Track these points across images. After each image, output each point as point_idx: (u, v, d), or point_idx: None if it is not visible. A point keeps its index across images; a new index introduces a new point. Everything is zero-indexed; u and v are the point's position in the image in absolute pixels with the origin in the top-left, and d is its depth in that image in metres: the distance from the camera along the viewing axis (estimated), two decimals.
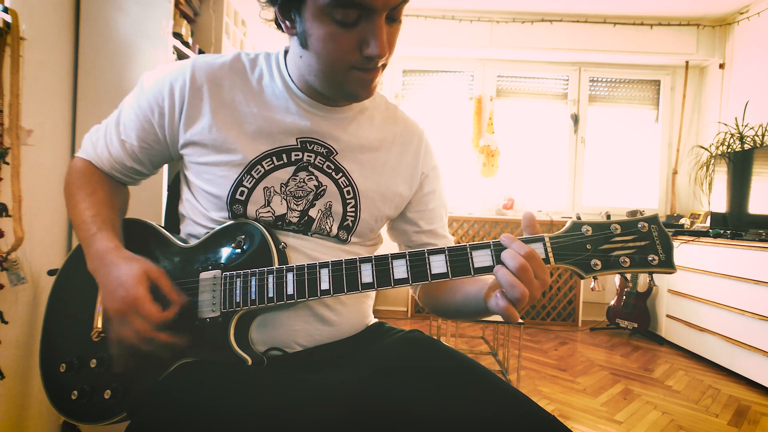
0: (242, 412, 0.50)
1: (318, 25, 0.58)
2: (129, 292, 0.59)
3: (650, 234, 0.57)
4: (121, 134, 0.74)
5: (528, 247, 0.55)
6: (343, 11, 0.56)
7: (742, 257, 2.36)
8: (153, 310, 0.59)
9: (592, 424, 1.82)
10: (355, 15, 0.57)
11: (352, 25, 0.57)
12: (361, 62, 0.60)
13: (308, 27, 0.60)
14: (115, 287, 0.61)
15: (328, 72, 0.63)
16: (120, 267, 0.62)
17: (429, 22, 3.53)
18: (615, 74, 3.75)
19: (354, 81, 0.63)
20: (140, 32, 1.46)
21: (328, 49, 0.60)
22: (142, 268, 0.62)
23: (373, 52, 0.58)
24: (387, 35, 0.60)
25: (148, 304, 0.59)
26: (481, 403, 0.56)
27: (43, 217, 1.29)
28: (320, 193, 0.71)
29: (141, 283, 0.60)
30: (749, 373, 2.30)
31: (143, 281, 0.61)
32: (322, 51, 0.60)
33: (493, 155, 3.61)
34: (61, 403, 0.68)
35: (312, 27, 0.59)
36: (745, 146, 3.01)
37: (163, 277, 0.63)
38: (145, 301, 0.59)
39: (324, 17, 0.57)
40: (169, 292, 0.63)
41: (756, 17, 3.13)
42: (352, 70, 0.62)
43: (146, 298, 0.59)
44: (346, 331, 0.75)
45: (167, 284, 0.63)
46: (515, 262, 0.54)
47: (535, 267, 0.55)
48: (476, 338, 2.95)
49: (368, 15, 0.57)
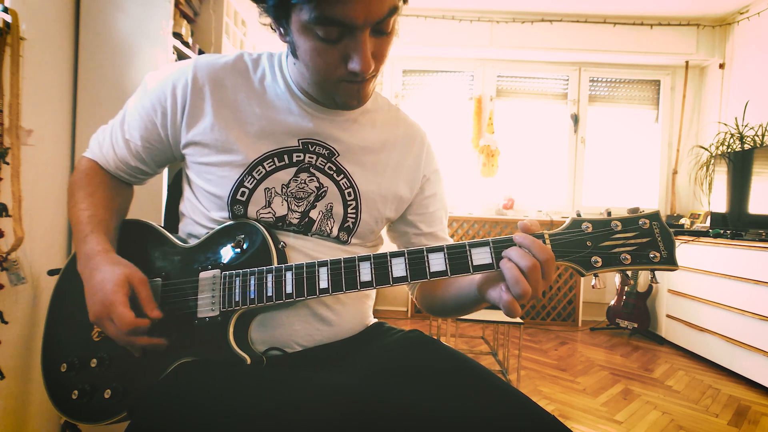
0: (242, 411, 0.50)
1: (303, 39, 0.59)
2: (107, 297, 0.60)
3: (651, 231, 0.57)
4: (126, 134, 0.74)
5: (547, 250, 0.55)
6: (325, 29, 0.55)
7: (742, 257, 2.36)
8: (126, 316, 0.59)
9: (592, 424, 1.82)
10: (337, 32, 0.56)
11: (336, 41, 0.57)
12: (347, 75, 0.60)
13: (295, 39, 0.60)
14: (96, 290, 0.61)
15: (318, 82, 0.64)
16: (103, 271, 0.62)
17: (429, 22, 3.53)
18: (615, 74, 3.75)
19: (343, 92, 0.64)
20: (140, 32, 1.46)
21: (314, 63, 0.60)
22: (124, 273, 0.62)
23: (356, 68, 0.58)
24: (375, 47, 0.59)
25: (122, 309, 0.59)
26: (481, 403, 0.56)
27: (43, 217, 1.29)
28: (321, 195, 0.71)
29: (120, 288, 0.60)
30: (749, 373, 2.30)
31: (123, 286, 0.61)
32: (309, 63, 0.61)
33: (493, 155, 3.61)
34: (62, 403, 0.68)
35: (298, 40, 0.59)
36: (745, 146, 3.01)
37: (144, 286, 0.63)
38: (119, 307, 0.59)
39: (308, 33, 0.57)
40: (145, 303, 0.62)
41: (756, 17, 3.13)
42: (340, 82, 0.62)
43: (122, 304, 0.59)
44: (345, 331, 0.75)
45: (146, 294, 0.63)
46: (526, 262, 0.54)
47: (549, 268, 0.55)
48: (476, 338, 2.95)
49: (350, 32, 0.56)
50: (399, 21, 0.62)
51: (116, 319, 0.59)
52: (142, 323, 0.60)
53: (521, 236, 0.56)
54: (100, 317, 0.61)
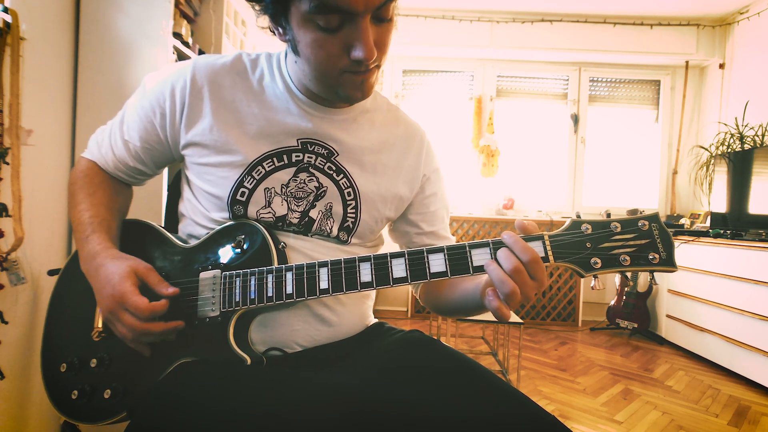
0: (242, 411, 0.50)
1: (304, 32, 0.58)
2: (116, 289, 0.60)
3: (651, 232, 0.57)
4: (125, 135, 0.74)
5: (530, 250, 0.55)
6: (325, 17, 0.55)
7: (742, 257, 2.36)
8: (140, 302, 0.59)
9: (592, 424, 1.82)
10: (338, 20, 0.56)
11: (337, 30, 0.57)
12: (350, 66, 0.60)
13: (296, 34, 0.60)
14: (103, 286, 0.62)
15: (320, 77, 0.63)
16: (108, 266, 0.63)
17: (429, 22, 3.53)
18: (615, 74, 3.75)
19: (347, 84, 0.63)
20: (140, 32, 1.46)
21: (316, 55, 0.60)
22: (129, 265, 0.62)
23: (359, 55, 0.57)
24: (376, 35, 0.59)
25: (135, 297, 0.59)
26: (481, 404, 0.56)
27: (43, 217, 1.29)
28: (321, 194, 0.71)
29: (127, 279, 0.61)
30: (749, 373, 2.30)
31: (130, 277, 0.61)
32: (311, 57, 0.60)
33: (493, 155, 3.61)
34: (62, 403, 0.68)
35: (299, 34, 0.59)
36: (745, 146, 3.01)
37: (151, 272, 0.64)
38: (131, 295, 0.59)
39: (308, 24, 0.57)
40: (157, 285, 0.63)
41: (756, 17, 3.13)
42: (343, 74, 0.61)
43: (133, 292, 0.60)
44: (345, 332, 0.75)
45: (155, 278, 0.63)
46: (509, 264, 0.54)
47: (534, 268, 0.54)
48: (476, 338, 2.95)
49: (351, 19, 0.56)
50: (398, 17, 0.62)
51: (132, 308, 0.59)
52: (159, 306, 0.60)
53: (508, 234, 0.56)
54: (113, 311, 0.61)
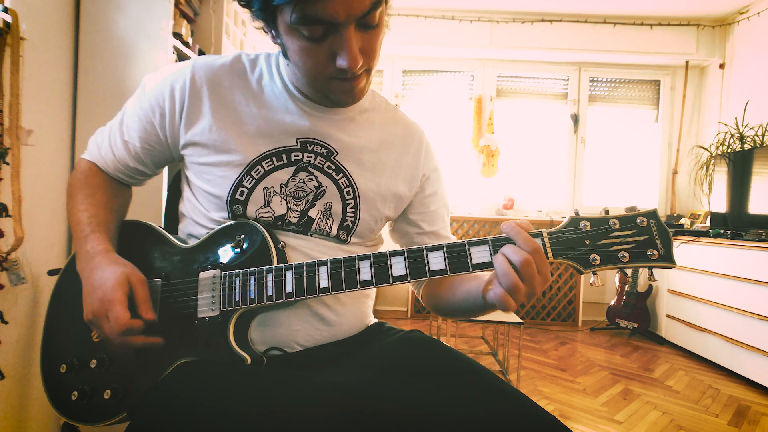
0: (242, 411, 0.50)
1: (291, 40, 0.59)
2: (107, 295, 0.60)
3: (649, 229, 0.57)
4: (124, 135, 0.74)
5: (533, 242, 0.55)
6: (308, 28, 0.55)
7: (742, 257, 2.36)
8: (122, 315, 0.59)
9: (592, 424, 1.82)
10: (321, 30, 0.56)
11: (321, 39, 0.57)
12: (337, 73, 0.60)
13: (284, 41, 0.60)
14: (95, 288, 0.62)
15: (310, 82, 0.64)
16: (104, 269, 0.63)
17: (429, 22, 3.53)
18: (615, 74, 3.75)
19: (336, 89, 0.64)
20: (140, 32, 1.46)
21: (304, 63, 0.60)
22: (124, 272, 0.62)
23: (344, 64, 0.57)
24: (363, 42, 0.58)
25: (119, 308, 0.59)
26: (481, 403, 0.56)
27: (43, 217, 1.29)
28: (320, 194, 0.71)
29: (120, 287, 0.60)
30: (749, 373, 2.30)
31: (123, 285, 0.61)
32: (299, 63, 0.61)
33: (493, 155, 3.61)
34: (61, 404, 0.68)
35: (287, 41, 0.60)
36: (745, 146, 3.01)
37: (142, 286, 0.63)
38: (117, 305, 0.59)
39: (294, 33, 0.57)
40: (141, 303, 0.62)
41: (756, 17, 3.13)
42: (332, 80, 0.62)
43: (120, 302, 0.60)
44: (345, 331, 0.75)
45: (143, 295, 0.63)
46: (519, 257, 0.54)
47: (539, 262, 0.55)
48: (476, 338, 2.95)
49: (334, 29, 0.56)
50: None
51: (112, 318, 0.59)
52: (136, 324, 0.60)
53: (508, 225, 0.56)
54: (96, 315, 0.61)
